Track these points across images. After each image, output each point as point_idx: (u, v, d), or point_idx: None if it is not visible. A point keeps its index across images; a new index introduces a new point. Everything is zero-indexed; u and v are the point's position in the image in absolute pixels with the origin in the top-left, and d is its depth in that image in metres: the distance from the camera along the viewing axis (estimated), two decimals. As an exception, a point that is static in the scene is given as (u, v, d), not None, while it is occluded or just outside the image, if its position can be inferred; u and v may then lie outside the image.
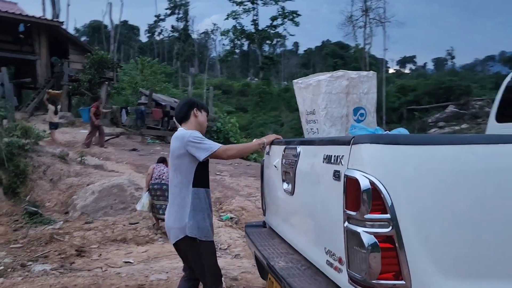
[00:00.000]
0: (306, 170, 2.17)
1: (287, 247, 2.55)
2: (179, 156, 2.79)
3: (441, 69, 78.59)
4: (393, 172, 1.55)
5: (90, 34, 66.67)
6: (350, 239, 1.62)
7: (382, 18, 46.94)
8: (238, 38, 60.02)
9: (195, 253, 2.83)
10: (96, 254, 5.89)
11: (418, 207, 1.54)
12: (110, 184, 7.70)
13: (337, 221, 1.73)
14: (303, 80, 2.82)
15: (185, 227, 2.76)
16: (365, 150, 1.60)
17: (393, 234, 1.51)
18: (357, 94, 2.63)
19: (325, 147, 1.93)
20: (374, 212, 1.53)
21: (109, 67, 20.32)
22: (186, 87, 44.33)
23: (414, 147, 1.57)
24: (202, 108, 2.97)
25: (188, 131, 2.80)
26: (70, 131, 16.29)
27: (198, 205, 2.77)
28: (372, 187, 1.53)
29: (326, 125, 2.59)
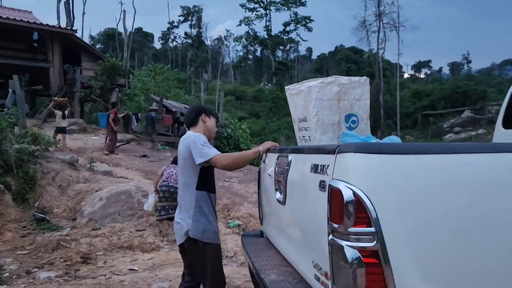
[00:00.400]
0: (296, 179, 2.10)
1: (281, 259, 2.48)
2: (184, 157, 2.82)
3: (457, 73, 77.54)
4: (378, 183, 1.47)
5: (105, 41, 67.66)
6: (335, 253, 1.54)
7: (395, 22, 46.62)
8: (251, 44, 60.28)
9: (199, 256, 2.82)
10: (102, 261, 5.87)
11: (405, 220, 1.46)
12: (118, 191, 7.70)
13: (323, 233, 1.65)
14: (295, 86, 2.75)
15: (189, 228, 2.78)
16: (349, 159, 1.52)
17: (378, 249, 1.43)
18: (348, 101, 2.55)
19: (313, 156, 1.86)
20: (358, 225, 1.46)
21: (120, 73, 20.51)
22: (199, 93, 44.54)
23: (401, 156, 1.49)
24: (211, 114, 2.99)
25: (194, 133, 2.84)
26: (81, 137, 16.45)
27: (201, 207, 2.78)
28: (356, 198, 1.45)
29: (317, 133, 2.51)
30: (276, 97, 45.05)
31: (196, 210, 2.77)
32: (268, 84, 64.33)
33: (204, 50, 69.55)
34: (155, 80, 26.01)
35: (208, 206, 2.81)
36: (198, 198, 2.78)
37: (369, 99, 2.63)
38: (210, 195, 2.85)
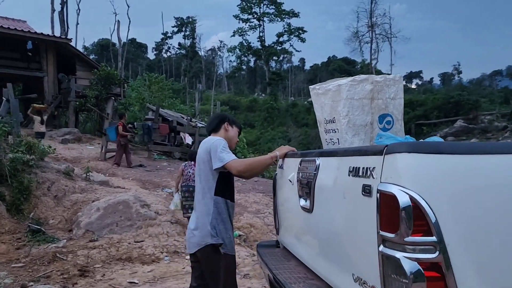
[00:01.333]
0: (327, 185, 1.93)
1: (305, 271, 2.30)
2: (204, 160, 2.74)
3: (448, 84, 78.36)
4: (436, 186, 1.31)
5: (99, 52, 67.57)
6: (387, 266, 1.37)
7: (388, 33, 47.12)
8: (245, 55, 60.57)
9: (214, 266, 2.66)
10: (100, 274, 5.64)
11: (467, 227, 1.30)
12: (116, 201, 7.48)
13: (369, 243, 1.49)
14: (321, 85, 2.58)
15: (207, 235, 2.64)
16: (401, 160, 1.36)
17: (441, 261, 1.27)
18: (383, 100, 2.39)
19: (350, 158, 1.70)
20: (416, 234, 1.29)
21: (116, 83, 20.33)
22: (193, 103, 44.43)
23: (460, 156, 1.34)
24: (234, 123, 2.94)
25: (216, 137, 2.77)
26: (76, 147, 16.20)
27: (219, 215, 2.67)
28: (413, 204, 1.29)
29: (348, 135, 2.34)
30: (270, 107, 45.08)
31: (213, 216, 2.65)
32: (262, 94, 64.43)
33: (198, 61, 69.65)
34: (150, 89, 25.85)
35: (226, 213, 2.69)
36: (217, 204, 2.66)
37: (403, 98, 2.49)
38: (227, 202, 2.72)
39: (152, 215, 7.42)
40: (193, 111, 30.27)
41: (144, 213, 7.35)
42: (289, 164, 2.59)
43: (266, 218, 9.04)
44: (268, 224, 8.65)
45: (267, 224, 8.66)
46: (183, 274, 5.79)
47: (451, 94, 35.55)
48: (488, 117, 29.25)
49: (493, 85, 76.18)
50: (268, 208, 9.92)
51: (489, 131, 25.98)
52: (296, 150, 2.74)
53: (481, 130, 28.11)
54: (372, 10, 45.16)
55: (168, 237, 6.97)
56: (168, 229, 7.18)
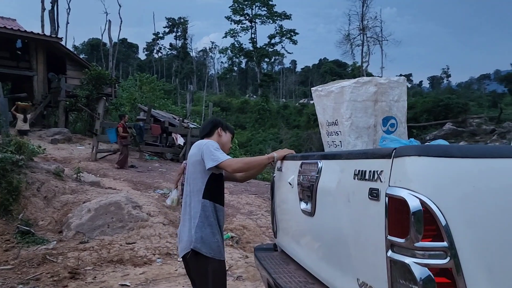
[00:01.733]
0: (330, 188, 1.90)
1: (305, 275, 2.27)
2: (194, 163, 2.71)
3: (437, 87, 79.18)
4: (447, 191, 1.29)
5: (89, 52, 67.06)
6: (396, 272, 1.35)
7: (379, 36, 47.43)
8: (237, 56, 60.55)
9: (201, 271, 2.63)
10: (91, 276, 5.56)
11: (478, 232, 1.28)
12: (107, 202, 7.38)
13: (376, 248, 1.46)
14: (324, 87, 2.55)
15: (191, 240, 2.62)
16: (411, 164, 1.34)
17: (452, 266, 1.24)
18: (386, 102, 2.37)
19: (356, 161, 1.67)
20: (426, 239, 1.27)
21: (107, 83, 20.16)
22: (184, 104, 44.26)
23: (471, 160, 1.32)
24: (227, 129, 2.94)
25: (208, 140, 2.77)
26: (66, 147, 16.03)
27: (206, 218, 2.62)
28: (424, 208, 1.27)
29: (351, 137, 2.32)
30: (261, 108, 45.09)
31: (200, 220, 2.61)
32: (253, 95, 64.45)
33: (189, 62, 69.45)
34: (141, 90, 25.69)
35: (213, 217, 2.64)
36: (204, 208, 2.63)
37: (406, 100, 2.47)
38: (216, 206, 2.68)
39: (144, 216, 7.35)
40: (184, 112, 30.13)
41: (136, 214, 7.26)
42: (289, 166, 2.55)
43: (259, 219, 9.01)
44: (260, 226, 8.62)
45: (259, 226, 8.62)
46: (176, 277, 5.73)
47: (440, 97, 35.90)
48: (476, 120, 29.53)
49: (482, 89, 77.19)
50: (260, 209, 9.89)
51: (478, 134, 26.23)
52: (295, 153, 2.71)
53: (469, 133, 28.35)
54: (364, 13, 45.44)
55: (160, 238, 6.90)
56: (161, 231, 7.11)
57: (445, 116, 32.37)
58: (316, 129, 28.55)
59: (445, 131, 30.84)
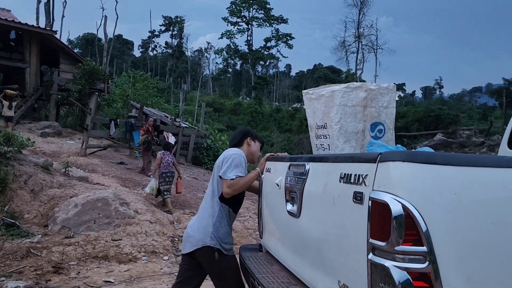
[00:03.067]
0: (316, 190, 1.92)
1: (288, 276, 2.28)
2: (218, 167, 2.82)
3: (429, 97, 79.92)
4: (429, 197, 1.31)
5: (83, 46, 66.66)
6: (375, 274, 1.37)
7: (374, 45, 47.79)
8: (232, 58, 60.57)
9: (216, 269, 2.71)
10: (75, 271, 5.52)
11: (458, 239, 1.30)
12: (95, 198, 7.34)
13: (357, 251, 1.48)
14: (314, 90, 2.58)
15: (207, 236, 2.68)
16: (395, 169, 1.36)
17: (430, 271, 1.26)
18: (376, 108, 2.40)
19: (342, 165, 1.69)
20: (406, 243, 1.29)
21: (100, 78, 20.04)
22: (177, 103, 44.12)
23: (455, 168, 1.34)
24: (256, 139, 3.02)
25: (239, 150, 2.84)
26: (56, 141, 15.89)
27: (223, 218, 2.73)
28: (406, 213, 1.29)
29: (339, 141, 2.34)
30: (254, 111, 45.08)
31: (217, 219, 2.71)
32: (246, 97, 64.46)
33: (184, 61, 69.29)
34: (134, 87, 25.56)
35: (229, 219, 2.78)
36: (222, 209, 2.74)
37: (395, 107, 2.50)
38: (230, 211, 2.80)
39: (131, 213, 7.32)
40: (177, 111, 30.01)
41: (123, 211, 7.23)
42: (277, 168, 2.57)
43: (247, 221, 9.00)
44: (248, 228, 8.62)
45: (247, 228, 8.62)
46: (160, 275, 5.71)
47: (432, 107, 36.21)
48: (466, 132, 29.84)
49: (473, 101, 78.08)
50: (248, 211, 9.89)
51: (467, 146, 26.50)
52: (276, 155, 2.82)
53: (459, 144, 28.62)
54: (360, 21, 45.76)
55: (146, 236, 6.88)
56: (147, 229, 7.08)
57: (436, 127, 32.62)
58: (308, 134, 28.70)
59: (435, 141, 31.09)
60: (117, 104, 22.24)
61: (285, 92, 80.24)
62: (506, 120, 28.95)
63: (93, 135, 15.54)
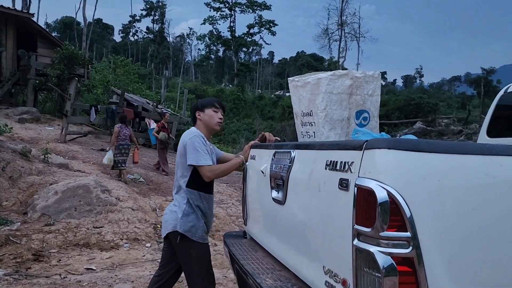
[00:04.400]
0: (302, 177, 1.93)
1: (273, 262, 2.31)
2: (180, 153, 2.82)
3: (410, 86, 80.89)
4: (414, 183, 1.34)
5: (62, 30, 65.07)
6: (360, 259, 1.39)
7: (356, 33, 47.95)
8: (214, 44, 59.94)
9: (185, 254, 2.74)
10: (56, 259, 5.46)
11: (440, 225, 1.33)
12: (76, 185, 7.25)
13: (342, 237, 1.50)
14: (300, 78, 2.58)
15: (177, 221, 2.73)
16: (381, 156, 1.38)
17: (414, 256, 1.29)
18: (361, 96, 2.42)
19: (328, 152, 1.70)
20: (391, 229, 1.31)
21: (79, 63, 19.62)
22: (159, 89, 43.61)
23: (439, 155, 1.36)
24: (203, 107, 2.91)
25: (193, 132, 2.81)
26: (34, 127, 15.57)
27: (191, 204, 2.74)
28: (391, 199, 1.31)
29: (324, 128, 2.35)
30: (236, 98, 44.89)
31: (187, 206, 2.73)
32: (229, 84, 64.09)
33: (166, 47, 68.26)
34: (115, 72, 25.11)
35: (199, 204, 2.76)
36: (189, 196, 2.75)
37: (380, 95, 2.52)
38: (201, 194, 2.78)
39: (113, 201, 7.25)
40: (159, 97, 29.70)
41: (104, 198, 7.17)
42: (262, 155, 2.57)
43: (229, 208, 9.04)
44: (230, 215, 8.65)
45: (229, 215, 8.66)
46: (143, 262, 5.70)
47: (412, 96, 36.65)
48: (445, 120, 30.38)
49: (452, 90, 79.37)
50: (231, 198, 9.92)
51: (445, 134, 27.02)
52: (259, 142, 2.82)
53: (438, 132, 29.14)
54: (343, 9, 45.74)
55: (128, 223, 6.84)
56: (129, 216, 7.04)
57: (416, 115, 33.10)
58: (290, 122, 28.68)
59: (415, 129, 31.58)
60: (97, 90, 21.86)
61: (268, 79, 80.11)
62: (484, 109, 29.50)
63: (73, 121, 15.26)
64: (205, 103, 2.95)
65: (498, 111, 3.47)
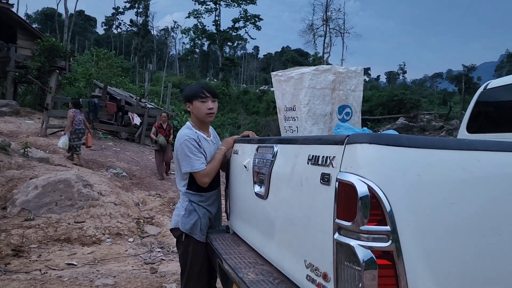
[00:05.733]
0: (284, 172, 1.93)
1: (255, 256, 2.31)
2: (176, 158, 2.83)
3: (393, 82, 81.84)
4: (394, 178, 1.35)
5: (43, 21, 63.81)
6: (341, 253, 1.40)
7: (341, 29, 48.22)
8: (199, 38, 59.49)
9: (183, 250, 2.81)
10: (36, 254, 5.39)
11: (420, 219, 1.35)
12: (57, 179, 7.14)
13: (323, 231, 1.51)
14: (284, 73, 2.58)
15: (178, 219, 2.81)
16: (362, 151, 1.39)
17: (393, 249, 1.31)
18: (344, 91, 2.43)
19: (310, 147, 1.70)
20: (371, 223, 1.33)
21: (61, 55, 19.28)
22: (143, 83, 43.17)
23: (418, 150, 1.38)
24: (192, 99, 2.79)
25: (185, 133, 2.75)
26: (14, 120, 15.27)
27: (192, 204, 2.79)
28: (371, 193, 1.32)
29: (307, 123, 2.36)
30: (221, 92, 44.72)
31: (189, 205, 2.79)
32: (214, 79, 63.80)
33: (150, 40, 67.55)
34: (98, 66, 24.75)
35: (200, 203, 2.80)
36: (190, 197, 2.80)
37: (362, 91, 2.54)
38: (203, 194, 2.81)
39: (95, 195, 7.18)
40: (142, 91, 29.40)
41: (86, 193, 7.08)
42: (245, 149, 2.57)
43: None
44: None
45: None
46: (125, 257, 5.66)
47: (395, 92, 37.09)
48: (427, 116, 30.80)
49: (434, 87, 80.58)
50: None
51: (427, 130, 27.41)
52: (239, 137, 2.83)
53: (419, 128, 29.54)
54: (328, 4, 45.94)
55: (111, 218, 6.78)
56: (112, 211, 6.97)
57: (398, 111, 33.51)
58: (275, 116, 28.66)
59: (398, 125, 31.96)
60: (79, 83, 21.53)
61: (253, 74, 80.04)
62: (465, 105, 30.00)
63: (54, 115, 15.01)
64: (190, 94, 2.80)
65: (478, 107, 3.54)
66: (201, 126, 2.86)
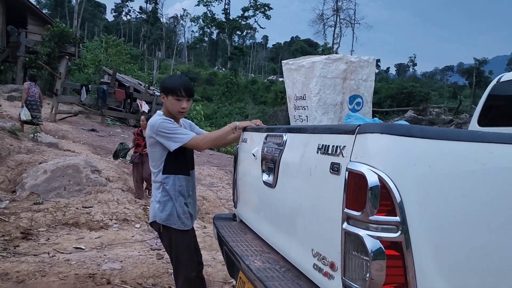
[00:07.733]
0: (293, 161, 1.92)
1: (261, 244, 2.32)
2: (150, 144, 2.68)
3: (402, 74, 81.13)
4: (404, 169, 1.34)
5: (53, 7, 63.88)
6: (349, 243, 1.40)
7: (352, 19, 47.74)
8: (208, 26, 59.26)
9: (166, 241, 2.74)
10: (44, 237, 5.46)
11: (429, 210, 1.34)
12: (65, 164, 7.20)
13: (332, 220, 1.51)
14: (295, 61, 2.55)
15: (153, 212, 2.72)
16: (373, 141, 1.37)
17: (402, 240, 1.30)
18: (355, 81, 2.40)
19: (320, 136, 1.69)
20: (380, 213, 1.32)
21: (70, 41, 19.31)
22: (151, 71, 43.18)
23: (430, 141, 1.36)
24: (168, 93, 2.64)
25: (158, 118, 2.62)
26: (24, 105, 15.36)
27: (167, 192, 2.66)
28: (381, 184, 1.31)
29: (317, 113, 2.34)
30: (229, 81, 44.67)
31: (162, 195, 2.66)
32: (222, 68, 63.65)
33: (159, 28, 67.44)
34: (107, 52, 24.77)
35: (176, 189, 2.67)
36: (166, 182, 2.66)
37: (374, 81, 2.51)
38: (179, 177, 2.68)
39: (102, 181, 7.23)
40: (151, 79, 29.42)
41: (94, 178, 7.14)
42: (254, 138, 2.56)
43: (219, 191, 9.06)
44: (221, 198, 8.68)
45: (219, 198, 8.69)
46: (132, 242, 5.71)
47: (404, 84, 36.80)
48: (436, 110, 30.55)
49: (444, 80, 79.76)
50: (222, 182, 9.94)
51: (436, 123, 27.20)
52: (260, 125, 2.75)
53: (428, 121, 29.32)
54: (339, -6, 45.41)
55: (118, 204, 6.84)
56: (119, 197, 7.03)
57: (408, 104, 33.27)
58: (283, 107, 28.53)
59: (406, 118, 31.73)
60: (88, 70, 21.59)
61: (261, 63, 79.71)
62: (475, 99, 29.65)
63: (63, 101, 15.08)
64: (168, 88, 2.65)
65: (490, 101, 3.49)
66: (172, 118, 2.72)
